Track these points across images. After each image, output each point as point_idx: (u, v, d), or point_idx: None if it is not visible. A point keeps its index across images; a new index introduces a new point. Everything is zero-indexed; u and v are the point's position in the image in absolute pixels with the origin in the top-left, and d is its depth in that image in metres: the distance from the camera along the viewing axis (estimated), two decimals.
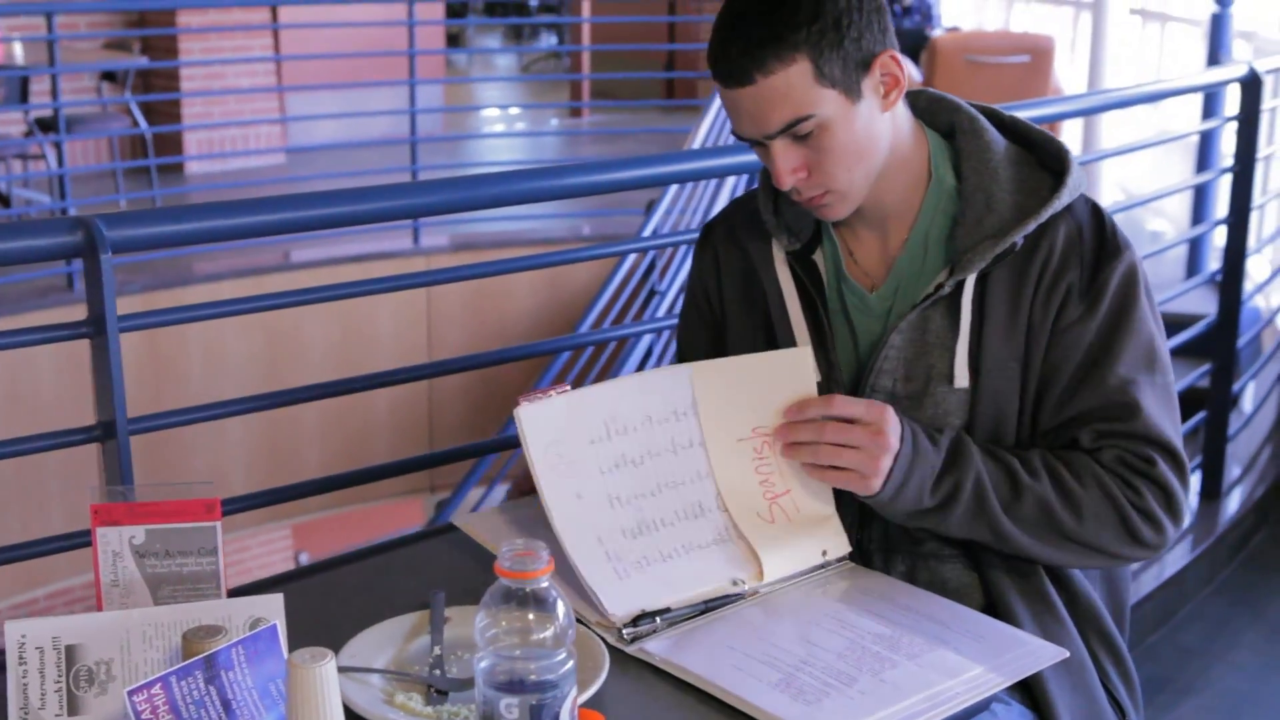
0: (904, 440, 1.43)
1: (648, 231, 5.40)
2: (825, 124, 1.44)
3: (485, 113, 10.06)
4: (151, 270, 5.51)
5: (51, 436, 1.83)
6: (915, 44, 7.45)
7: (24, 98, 6.02)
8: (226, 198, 5.71)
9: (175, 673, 1.11)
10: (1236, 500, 3.82)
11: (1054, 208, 1.48)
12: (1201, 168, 5.42)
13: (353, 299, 2.14)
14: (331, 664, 1.07)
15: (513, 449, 4.32)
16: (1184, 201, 5.90)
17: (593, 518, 1.41)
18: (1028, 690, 1.47)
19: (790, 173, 1.47)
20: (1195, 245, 5.35)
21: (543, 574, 1.08)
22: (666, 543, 1.44)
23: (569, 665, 1.09)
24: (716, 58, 1.45)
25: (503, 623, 1.08)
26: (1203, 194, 5.45)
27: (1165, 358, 1.51)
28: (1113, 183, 7.24)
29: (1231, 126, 3.54)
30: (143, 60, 6.75)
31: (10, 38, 6.32)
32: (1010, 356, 1.50)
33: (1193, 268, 5.35)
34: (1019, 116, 1.58)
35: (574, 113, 9.85)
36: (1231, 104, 4.27)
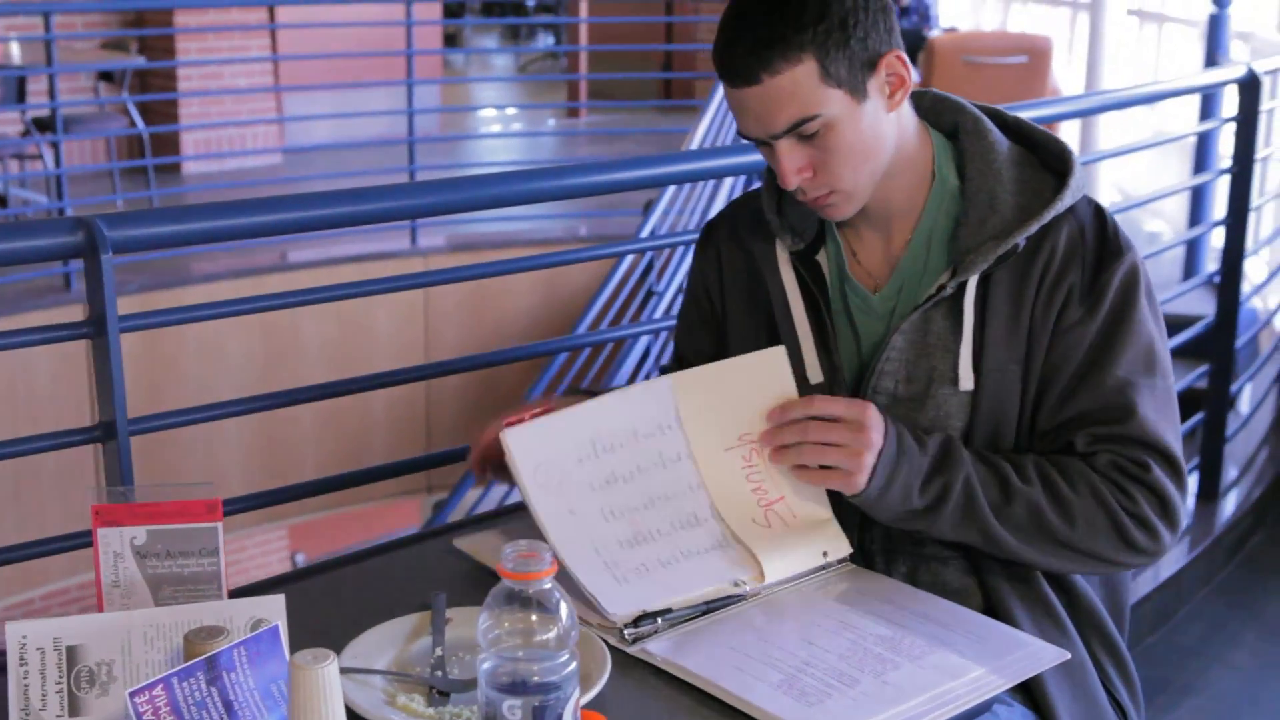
0: (888, 438, 1.43)
1: (646, 232, 5.39)
2: (831, 124, 1.44)
3: (482, 113, 10.05)
4: (149, 270, 5.50)
5: (52, 437, 1.82)
6: (913, 45, 7.45)
7: (21, 97, 6.01)
8: (224, 198, 5.71)
9: (177, 674, 1.11)
10: (1234, 501, 3.82)
11: (1056, 209, 1.48)
12: (1199, 169, 5.42)
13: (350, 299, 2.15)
14: (334, 665, 1.07)
15: None
16: (1181, 202, 5.90)
17: (588, 532, 1.41)
18: (1028, 692, 1.47)
19: (796, 172, 1.47)
20: (1193, 246, 5.35)
21: (546, 575, 1.08)
22: (664, 551, 1.44)
23: (572, 666, 1.09)
24: (722, 57, 1.44)
25: (505, 624, 1.07)
26: (1200, 195, 5.45)
27: (1165, 361, 1.51)
28: (1110, 184, 7.25)
29: (1229, 127, 3.54)
30: (140, 60, 6.74)
31: (7, 37, 6.32)
32: (1011, 358, 1.49)
33: (1190, 269, 5.35)
34: (1022, 117, 1.58)
35: (571, 113, 9.85)
36: (1229, 105, 4.28)
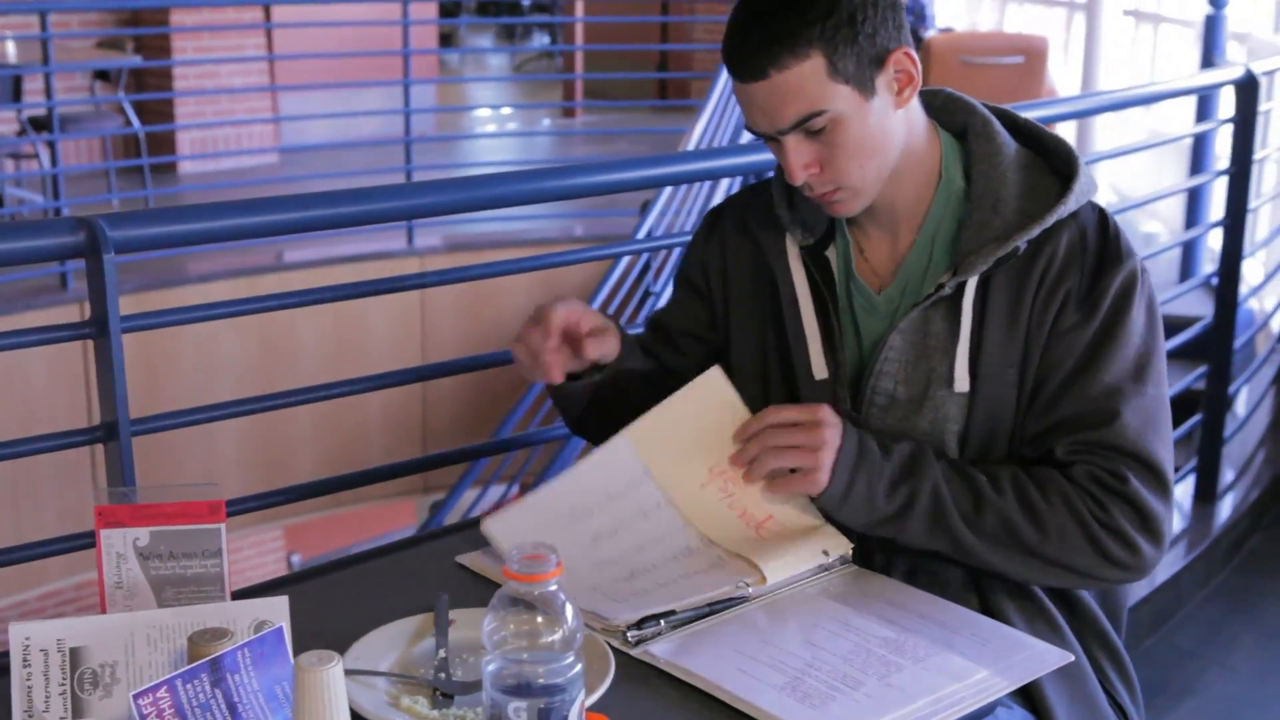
0: (847, 438, 1.45)
1: (643, 232, 5.39)
2: (838, 120, 1.44)
3: (478, 112, 10.04)
4: (145, 270, 5.48)
5: (54, 437, 1.82)
6: None
7: (17, 96, 6.00)
8: (220, 197, 5.70)
9: (181, 675, 1.10)
10: (1232, 503, 3.82)
11: (1059, 214, 1.48)
12: (1195, 170, 5.41)
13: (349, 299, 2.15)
14: (338, 667, 1.06)
15: (507, 451, 4.32)
16: (1177, 204, 5.90)
17: (585, 579, 1.43)
18: (1027, 695, 1.47)
19: (803, 168, 1.47)
20: (1189, 248, 5.35)
21: (551, 577, 1.08)
22: (664, 576, 1.45)
23: (577, 669, 1.08)
24: (731, 52, 1.45)
25: (510, 626, 1.07)
26: (1197, 196, 5.45)
27: (1158, 370, 1.49)
28: (1106, 185, 7.25)
29: (1226, 129, 3.55)
30: (136, 59, 6.73)
31: (3, 36, 6.30)
32: (1009, 362, 1.49)
33: (1186, 270, 5.36)
34: (1033, 120, 1.58)
35: (567, 113, 9.84)
36: (1226, 106, 4.28)
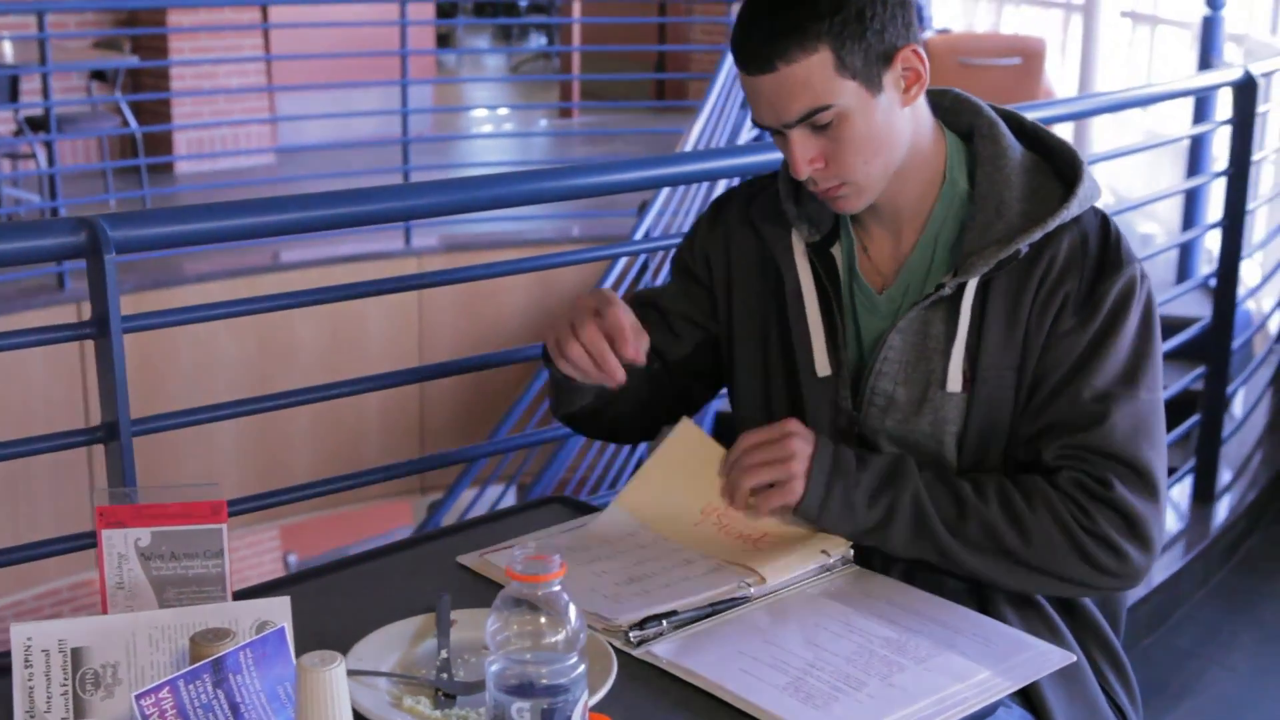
0: (819, 448, 1.48)
1: (641, 233, 5.38)
2: (844, 115, 1.44)
3: (475, 113, 10.03)
4: (140, 270, 5.46)
5: (54, 438, 1.81)
6: None
7: (14, 96, 5.99)
8: (217, 198, 5.68)
9: (183, 676, 1.10)
10: (1229, 504, 3.83)
11: (1061, 218, 1.48)
12: (1193, 171, 5.42)
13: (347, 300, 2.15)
14: (341, 667, 1.06)
15: (505, 452, 4.32)
16: (1173, 205, 5.90)
17: (583, 583, 1.44)
18: (1026, 696, 1.46)
19: (807, 163, 1.47)
20: (1186, 249, 5.36)
21: (554, 578, 1.08)
22: (663, 580, 1.46)
23: (580, 669, 1.08)
24: (739, 43, 1.45)
25: (514, 626, 1.07)
26: (1194, 197, 5.45)
27: (1152, 375, 1.49)
28: (1103, 186, 7.23)
29: (1224, 130, 3.55)
30: (133, 59, 6.72)
31: (0, 36, 6.29)
32: (1007, 364, 1.49)
33: (1184, 271, 5.36)
34: (1039, 123, 1.58)
35: (564, 113, 9.84)
36: (1223, 107, 4.28)
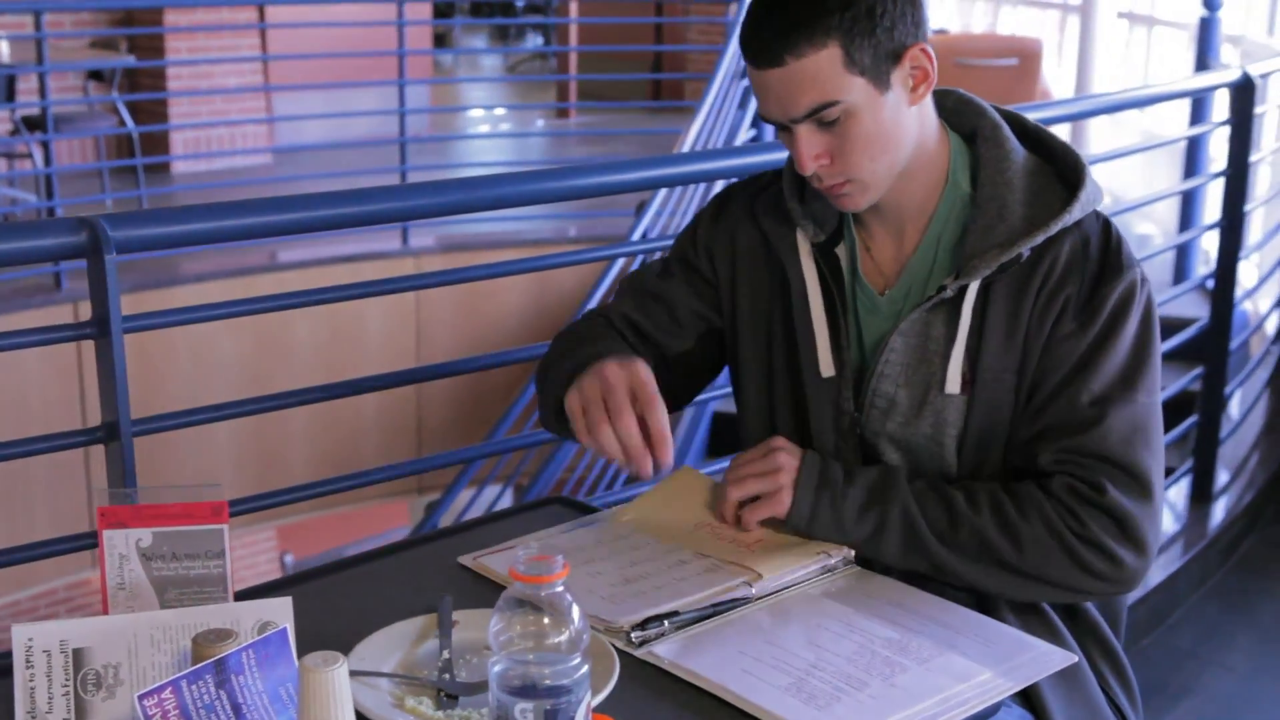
0: (806, 461, 1.50)
1: (638, 233, 5.38)
2: (851, 111, 1.44)
3: (472, 113, 10.02)
4: (138, 270, 5.45)
5: (54, 438, 1.81)
6: None
7: (11, 96, 5.98)
8: (214, 198, 5.66)
9: (186, 677, 1.10)
10: (1227, 505, 3.84)
11: (1063, 222, 1.48)
12: (1189, 172, 5.42)
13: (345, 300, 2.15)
14: (344, 668, 1.06)
15: (502, 453, 4.31)
16: (1170, 206, 5.91)
17: (579, 584, 1.41)
18: (1025, 696, 1.46)
19: (813, 158, 1.47)
20: (1183, 250, 5.36)
21: (558, 579, 1.07)
22: (659, 580, 1.45)
23: (583, 670, 1.08)
24: (748, 37, 1.45)
25: (517, 627, 1.07)
26: (1191, 198, 5.45)
27: (1150, 379, 1.49)
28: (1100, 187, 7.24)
29: (1222, 131, 3.55)
30: (130, 59, 6.71)
31: None
32: (1007, 366, 1.49)
33: (1180, 272, 5.36)
34: (1042, 125, 1.58)
35: (560, 113, 9.84)
36: (1220, 108, 4.29)
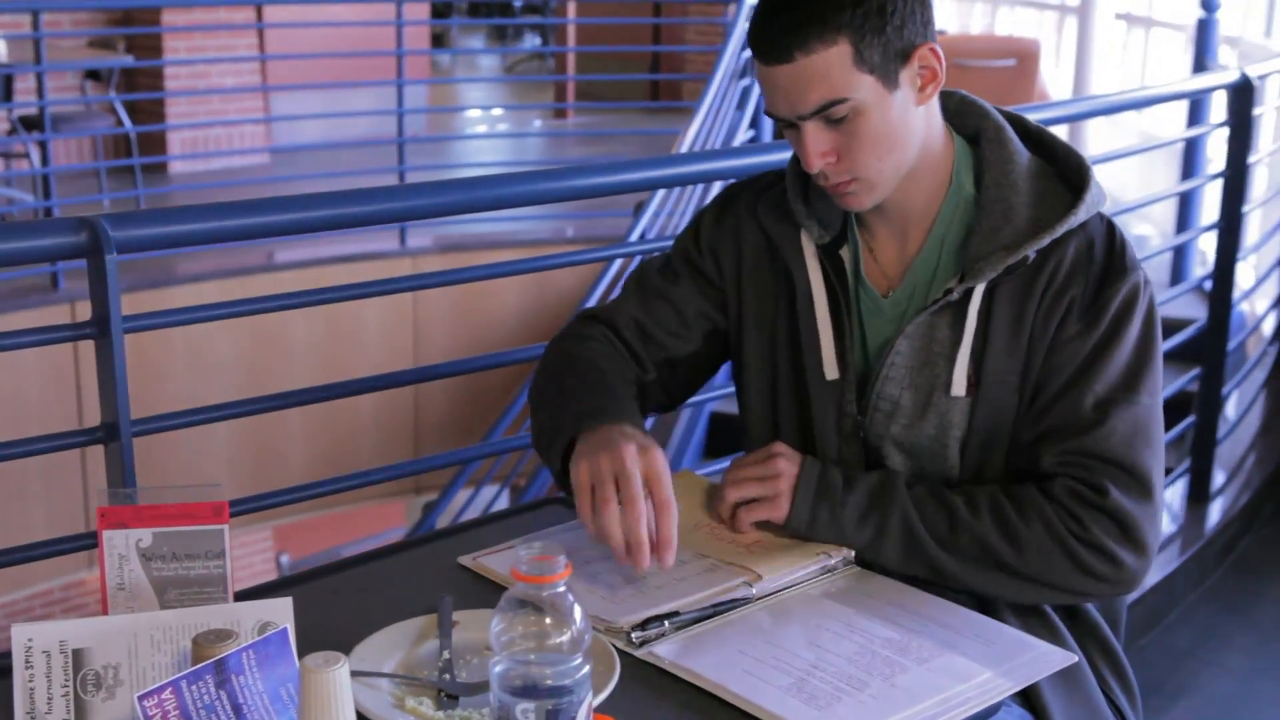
0: (805, 467, 1.50)
1: (636, 234, 5.37)
2: (860, 109, 1.44)
3: (469, 113, 10.02)
4: (134, 270, 5.43)
5: (54, 438, 1.81)
6: None
7: (8, 95, 5.97)
8: (212, 198, 5.65)
9: (186, 677, 1.10)
10: (1224, 505, 3.85)
11: (1069, 224, 1.48)
12: (1186, 173, 5.42)
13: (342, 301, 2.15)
14: (345, 668, 1.06)
15: (499, 454, 4.30)
16: (1167, 207, 5.91)
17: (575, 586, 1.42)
18: (1025, 696, 1.46)
19: (819, 156, 1.47)
20: (1180, 251, 5.36)
21: (560, 579, 1.07)
22: (658, 581, 1.45)
23: (585, 670, 1.08)
24: (758, 33, 1.45)
25: (519, 627, 1.07)
26: (1188, 200, 5.45)
27: (1152, 381, 1.49)
28: None
29: (1219, 132, 3.56)
30: (127, 59, 6.70)
31: None
32: (1011, 368, 1.50)
33: (1177, 273, 5.36)
34: (1044, 127, 1.58)
35: (558, 114, 9.83)
36: (1218, 109, 4.29)
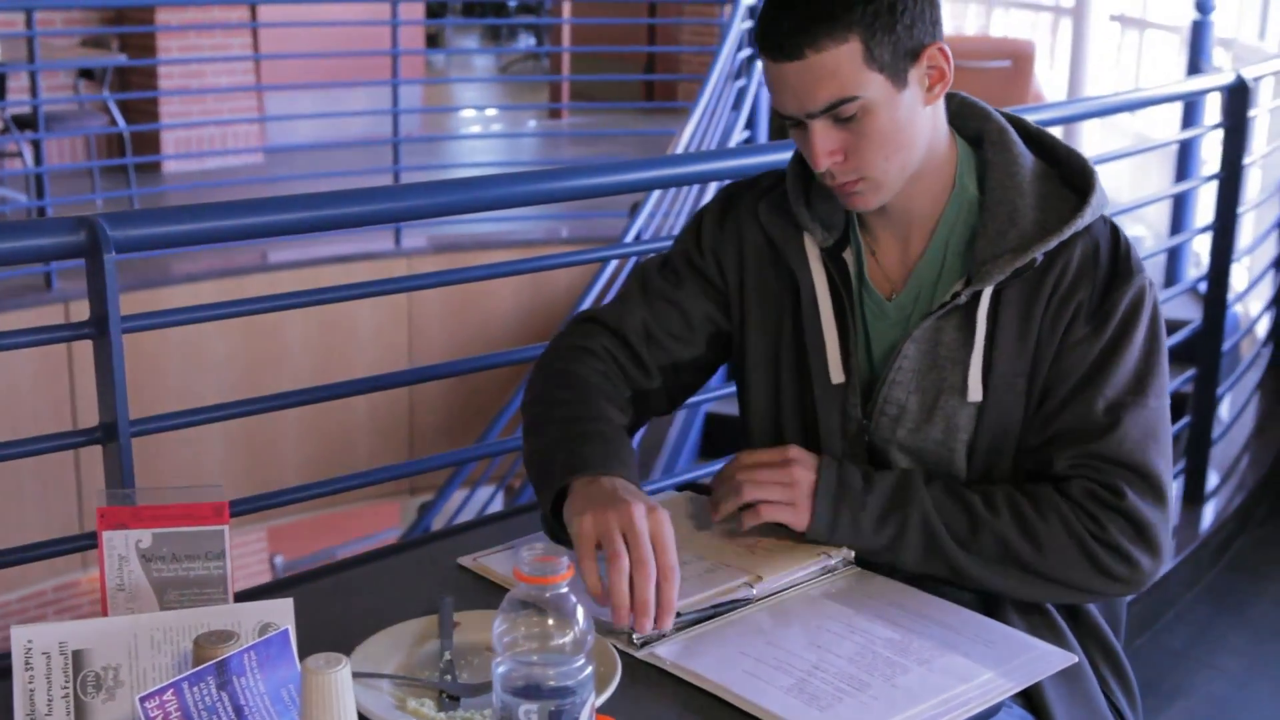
0: (823, 472, 1.47)
1: (632, 235, 5.37)
2: (869, 107, 1.43)
3: (464, 114, 10.01)
4: (129, 270, 5.41)
5: (53, 439, 1.81)
6: None
7: (1, 95, 5.96)
8: (206, 197, 5.66)
9: (187, 678, 1.10)
10: (1219, 506, 3.85)
11: (1075, 226, 1.49)
12: (1180, 175, 5.43)
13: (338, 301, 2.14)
14: (346, 669, 1.06)
15: (494, 455, 4.29)
16: (1161, 208, 5.91)
17: (582, 591, 1.42)
18: (1027, 697, 1.46)
19: (827, 155, 1.46)
20: (1174, 252, 5.37)
21: (562, 579, 1.07)
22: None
23: (588, 671, 1.08)
24: (767, 30, 1.44)
25: (521, 628, 1.07)
26: (1182, 201, 5.46)
27: (1160, 383, 1.50)
28: None
29: (1213, 134, 3.56)
30: (121, 58, 6.69)
31: None
32: (1018, 372, 1.50)
33: (1171, 274, 5.37)
34: (1045, 130, 1.58)
35: (553, 114, 9.83)
36: (1212, 111, 4.29)
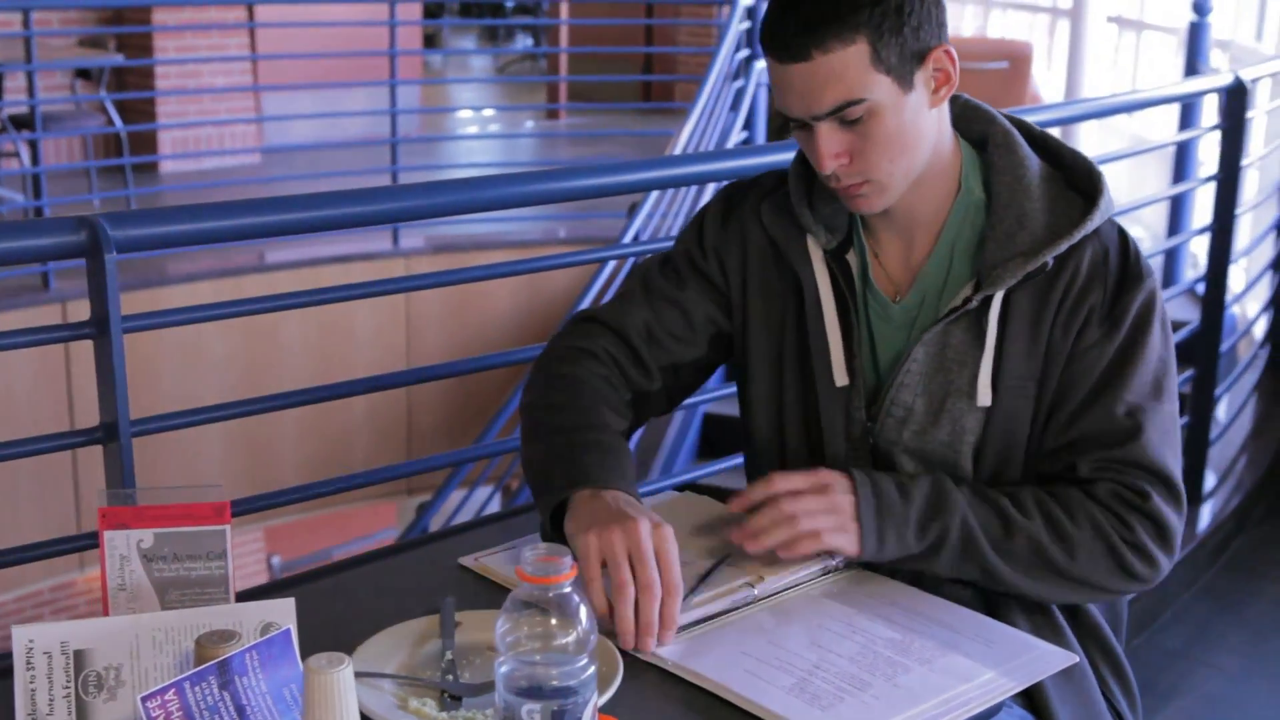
0: (859, 492, 1.44)
1: (630, 235, 5.37)
2: (875, 110, 1.43)
3: (462, 114, 10.01)
4: (128, 270, 5.41)
5: (53, 439, 1.81)
6: None
7: None
8: (203, 197, 5.65)
9: (189, 678, 1.10)
10: (1216, 506, 3.86)
11: (1085, 230, 1.48)
12: (1179, 176, 5.43)
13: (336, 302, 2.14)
14: (349, 669, 1.06)
15: (492, 456, 4.29)
16: (1158, 209, 5.91)
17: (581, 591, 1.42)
18: (1027, 697, 1.46)
19: (832, 157, 1.46)
20: (1171, 253, 5.37)
21: (565, 579, 1.07)
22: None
23: (590, 671, 1.08)
24: (774, 32, 1.43)
25: (524, 628, 1.07)
26: (1179, 202, 5.46)
27: (1172, 386, 1.51)
28: None
29: (1210, 135, 3.57)
30: (118, 58, 6.68)
31: None
32: (1028, 376, 1.50)
33: (1169, 275, 5.37)
34: (1049, 133, 1.58)
35: (551, 115, 9.83)
36: (1209, 112, 4.30)
